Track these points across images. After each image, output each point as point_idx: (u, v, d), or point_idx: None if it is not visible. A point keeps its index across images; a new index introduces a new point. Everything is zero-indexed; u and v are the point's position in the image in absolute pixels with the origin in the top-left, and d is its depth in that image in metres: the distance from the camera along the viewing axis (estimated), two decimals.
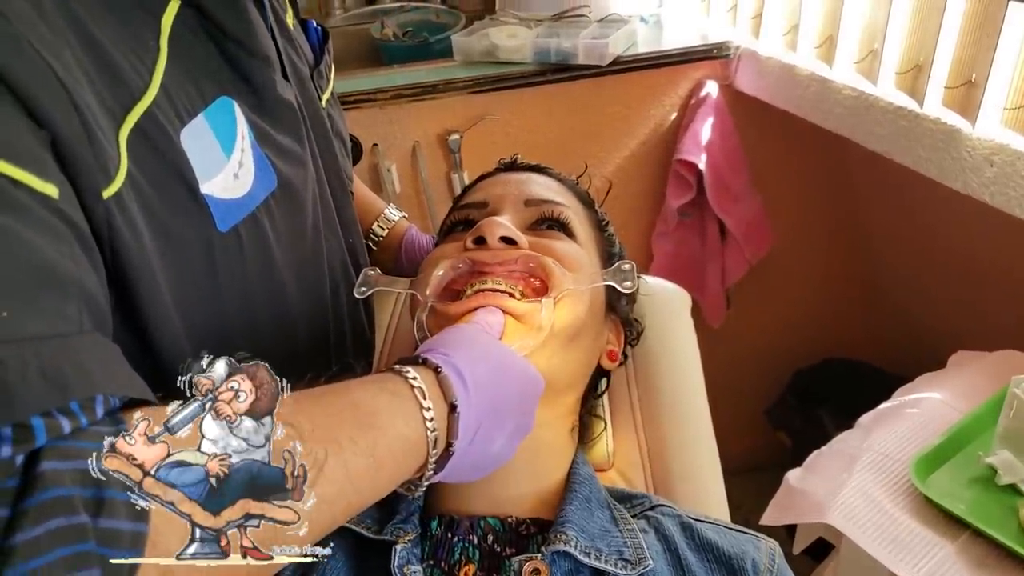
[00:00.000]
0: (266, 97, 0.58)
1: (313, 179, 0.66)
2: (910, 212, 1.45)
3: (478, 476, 0.54)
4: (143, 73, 0.46)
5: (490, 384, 0.51)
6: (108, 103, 0.44)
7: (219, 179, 0.52)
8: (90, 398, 0.37)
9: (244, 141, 0.54)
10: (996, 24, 0.91)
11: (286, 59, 0.65)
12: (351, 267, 0.76)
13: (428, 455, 0.47)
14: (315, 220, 0.66)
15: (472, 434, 0.49)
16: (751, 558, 0.58)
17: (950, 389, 0.97)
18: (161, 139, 0.47)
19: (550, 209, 0.69)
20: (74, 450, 0.35)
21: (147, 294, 0.48)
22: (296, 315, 0.64)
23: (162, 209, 0.48)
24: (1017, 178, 0.92)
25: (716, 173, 1.44)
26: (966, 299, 1.41)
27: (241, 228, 0.54)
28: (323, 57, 0.75)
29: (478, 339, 0.54)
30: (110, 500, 0.34)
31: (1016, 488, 0.82)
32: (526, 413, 0.55)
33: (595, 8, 1.50)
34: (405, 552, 0.55)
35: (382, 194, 1.43)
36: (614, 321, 0.73)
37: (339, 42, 1.74)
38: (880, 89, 1.12)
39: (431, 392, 0.48)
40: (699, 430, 0.79)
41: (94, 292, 0.41)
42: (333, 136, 0.75)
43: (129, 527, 0.35)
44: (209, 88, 0.52)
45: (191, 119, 0.49)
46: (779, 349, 1.74)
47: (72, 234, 0.40)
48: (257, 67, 0.56)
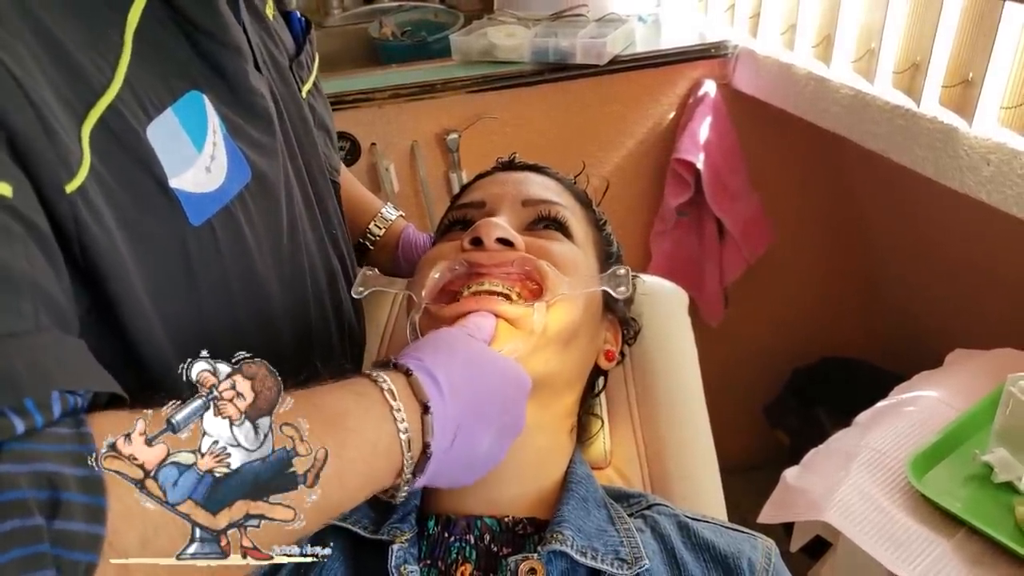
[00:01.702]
0: (239, 88, 0.57)
1: (290, 171, 0.66)
2: (908, 211, 1.45)
3: (472, 479, 0.53)
4: (105, 69, 0.46)
5: (468, 386, 0.50)
6: (68, 99, 0.44)
7: (190, 173, 0.51)
8: (46, 396, 0.37)
9: (216, 135, 0.54)
10: (992, 23, 0.91)
11: (263, 50, 0.64)
12: (335, 259, 0.76)
13: (403, 458, 0.46)
14: (294, 213, 0.66)
15: (451, 436, 0.49)
16: (747, 557, 0.58)
17: (947, 387, 0.97)
18: (126, 134, 0.47)
19: (547, 209, 0.69)
20: (30, 452, 0.35)
21: (120, 289, 0.48)
22: (280, 311, 0.64)
23: (130, 204, 0.48)
24: (1014, 177, 0.92)
25: (714, 172, 1.45)
26: (963, 297, 1.41)
27: (215, 222, 0.54)
28: (304, 48, 0.75)
29: (457, 342, 0.53)
30: (66, 502, 0.34)
31: (1012, 486, 0.82)
32: (512, 414, 0.54)
33: (593, 7, 1.50)
34: (402, 552, 0.55)
35: (380, 193, 1.43)
36: (611, 321, 0.73)
37: (337, 41, 1.76)
38: (877, 88, 1.12)
39: (402, 394, 0.47)
40: (696, 428, 0.80)
41: (51, 290, 0.41)
42: (316, 127, 0.75)
43: (84, 528, 0.34)
44: (178, 82, 0.51)
45: (158, 113, 0.49)
46: (777, 348, 1.74)
47: (27, 232, 0.40)
48: (229, 58, 0.56)
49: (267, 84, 0.63)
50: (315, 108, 0.77)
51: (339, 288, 0.77)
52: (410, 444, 0.46)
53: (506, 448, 0.55)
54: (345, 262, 0.79)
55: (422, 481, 0.49)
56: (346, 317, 0.79)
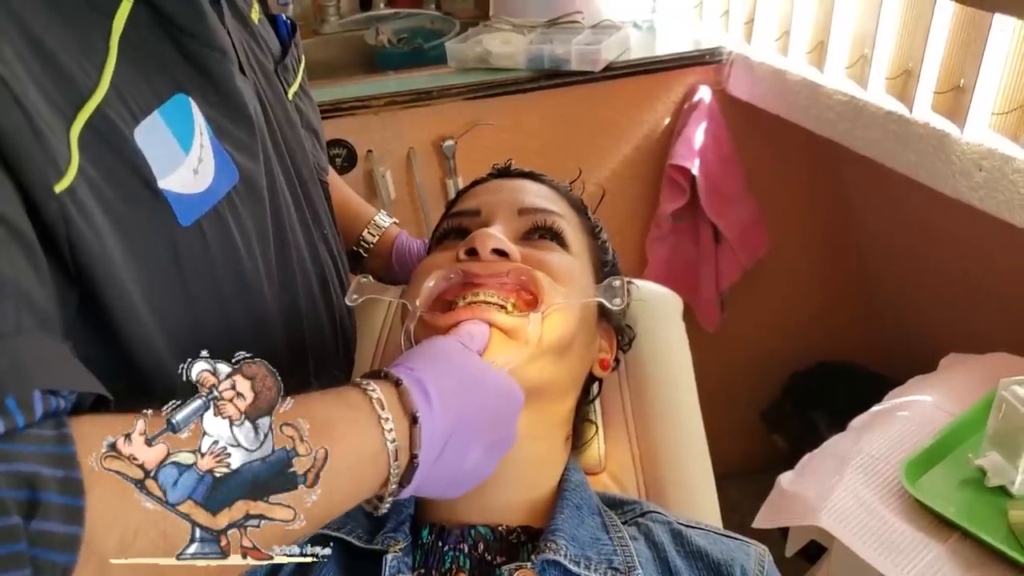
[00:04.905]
0: (224, 90, 0.58)
1: (279, 173, 0.66)
2: (902, 216, 1.45)
3: (458, 492, 0.53)
4: (91, 73, 0.47)
5: (459, 397, 0.50)
6: (56, 102, 0.44)
7: (178, 175, 0.52)
8: (27, 396, 0.37)
9: (203, 137, 0.55)
10: (984, 29, 0.92)
11: (248, 53, 0.65)
12: (327, 259, 0.77)
13: (390, 467, 0.46)
14: (282, 214, 0.66)
15: (440, 447, 0.49)
16: (740, 564, 0.58)
17: (941, 392, 0.98)
18: (114, 136, 0.48)
19: (543, 219, 0.69)
20: (9, 452, 0.35)
21: (112, 290, 0.48)
22: (272, 311, 0.64)
23: (120, 204, 0.49)
24: (1006, 182, 0.93)
25: (709, 178, 1.45)
26: (957, 302, 1.42)
27: (204, 223, 0.55)
28: (290, 51, 0.75)
29: (450, 353, 0.53)
30: (44, 503, 0.34)
31: (1005, 490, 0.82)
32: (504, 427, 0.54)
33: (588, 14, 1.51)
34: (396, 561, 0.55)
35: (376, 200, 1.43)
36: (606, 329, 0.73)
37: (334, 48, 1.76)
38: (870, 94, 1.12)
39: (390, 404, 0.47)
40: (691, 434, 0.80)
41: (33, 292, 0.41)
42: (303, 128, 0.75)
43: (62, 529, 0.35)
44: (164, 86, 0.52)
45: (145, 116, 0.50)
46: (774, 352, 1.75)
47: (9, 235, 0.41)
48: (215, 60, 0.56)
49: (253, 87, 0.63)
50: (302, 110, 0.77)
51: (331, 288, 0.77)
52: (397, 454, 0.46)
53: (496, 462, 0.55)
54: (337, 263, 0.80)
55: (408, 492, 0.49)
56: (339, 316, 0.79)
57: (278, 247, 0.65)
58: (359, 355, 0.86)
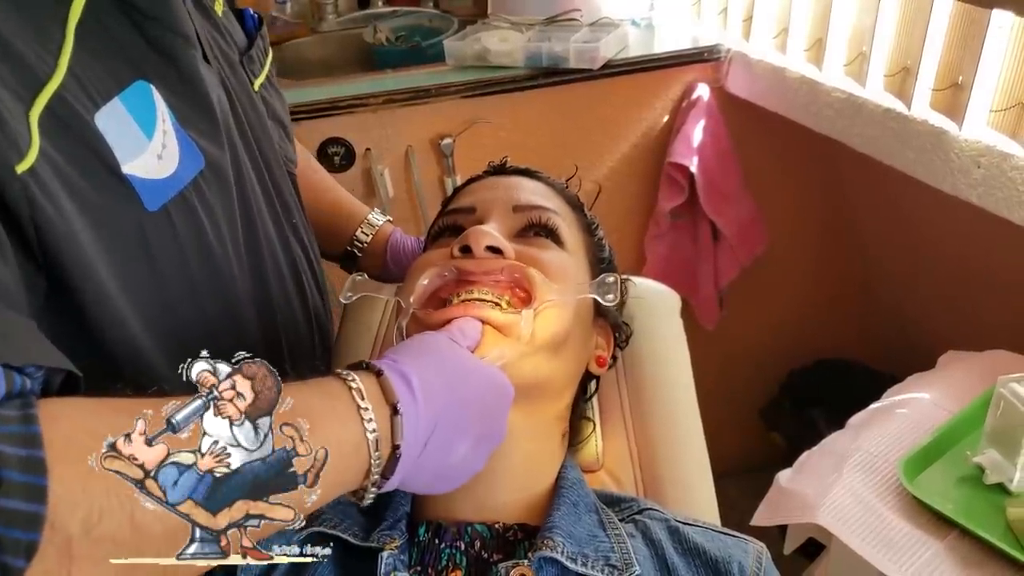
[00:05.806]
0: (187, 77, 0.58)
1: (246, 162, 0.66)
2: (901, 213, 1.45)
3: (447, 487, 0.53)
4: (47, 60, 0.47)
5: (444, 390, 0.50)
6: (13, 87, 0.44)
7: (141, 160, 0.52)
8: None
9: (165, 123, 0.54)
10: (982, 27, 0.92)
11: (211, 43, 0.65)
12: (297, 248, 0.77)
13: (371, 458, 0.46)
14: (248, 201, 0.66)
15: (424, 439, 0.48)
16: (737, 561, 0.58)
17: (939, 389, 0.98)
18: (75, 121, 0.47)
19: (538, 215, 0.68)
20: None
21: (80, 274, 0.48)
22: (244, 298, 0.65)
23: (86, 188, 0.49)
24: (1004, 179, 0.93)
25: (708, 175, 1.45)
26: (956, 299, 1.42)
27: (171, 208, 0.55)
28: (256, 43, 0.75)
29: (437, 347, 0.53)
30: (6, 481, 0.34)
31: (1003, 487, 0.82)
32: (493, 421, 0.54)
33: (586, 12, 1.51)
34: (392, 559, 0.55)
35: (375, 198, 1.43)
36: (603, 326, 0.73)
37: (332, 46, 1.76)
38: (869, 91, 1.12)
39: (370, 393, 0.46)
40: (689, 431, 0.80)
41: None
42: (270, 119, 0.75)
43: (24, 507, 0.34)
44: (125, 72, 0.52)
45: (106, 103, 0.50)
46: (772, 350, 1.75)
47: None
48: (179, 46, 0.56)
49: (217, 75, 0.63)
50: (268, 101, 0.78)
51: (302, 276, 0.77)
52: (378, 444, 0.46)
53: (485, 457, 0.54)
54: (307, 251, 0.80)
55: (393, 484, 0.48)
56: (312, 305, 0.79)
57: (247, 233, 0.66)
58: (355, 355, 0.86)
